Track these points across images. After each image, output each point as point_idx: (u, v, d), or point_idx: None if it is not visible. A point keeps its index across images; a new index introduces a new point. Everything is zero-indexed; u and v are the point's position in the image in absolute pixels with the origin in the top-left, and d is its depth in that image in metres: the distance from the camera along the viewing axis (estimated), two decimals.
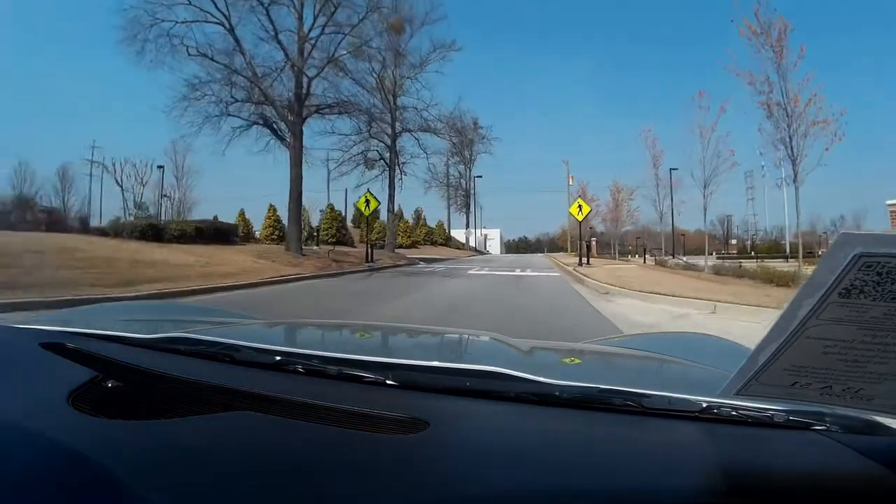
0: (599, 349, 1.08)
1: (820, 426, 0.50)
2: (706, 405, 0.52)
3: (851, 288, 0.27)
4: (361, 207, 14.50)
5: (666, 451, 0.48)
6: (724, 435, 0.51)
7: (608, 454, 0.47)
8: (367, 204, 14.31)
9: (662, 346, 1.05)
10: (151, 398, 0.58)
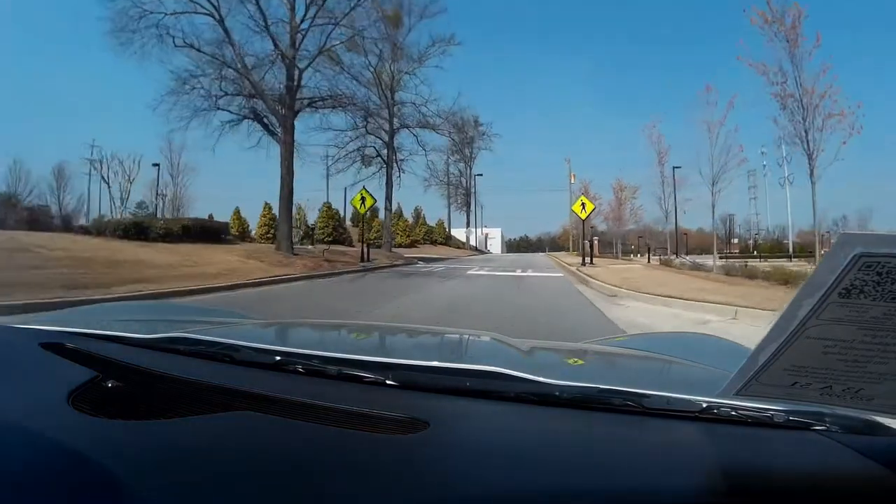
0: (599, 349, 1.08)
1: (820, 426, 0.50)
2: (706, 405, 0.52)
3: (851, 288, 0.27)
4: (357, 205, 14.09)
5: (666, 451, 0.48)
6: (724, 435, 0.50)
7: (608, 454, 0.47)
8: (362, 201, 13.90)
9: (662, 346, 1.05)
10: (151, 398, 0.58)
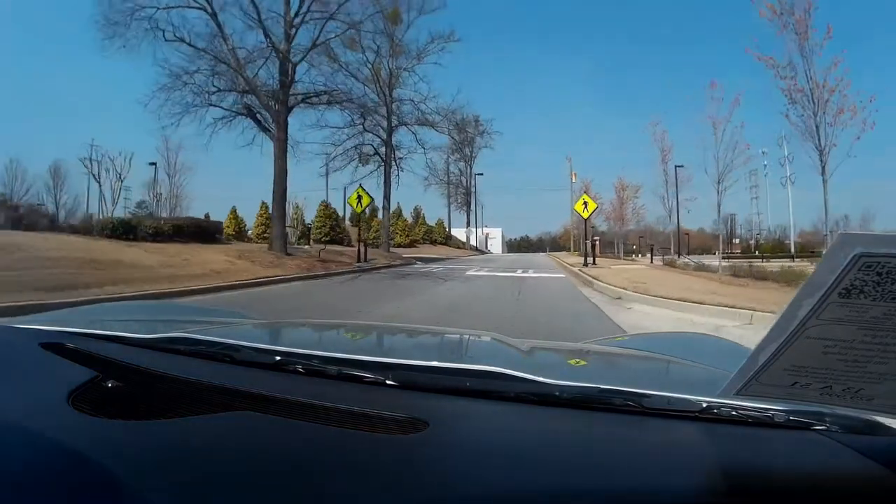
0: (599, 349, 1.08)
1: (820, 426, 0.50)
2: (706, 405, 0.52)
3: (851, 288, 0.27)
4: (353, 204, 13.75)
5: (666, 451, 0.48)
6: (724, 435, 0.50)
7: (608, 454, 0.47)
8: (359, 200, 13.56)
9: (662, 346, 1.05)
10: (151, 398, 0.58)
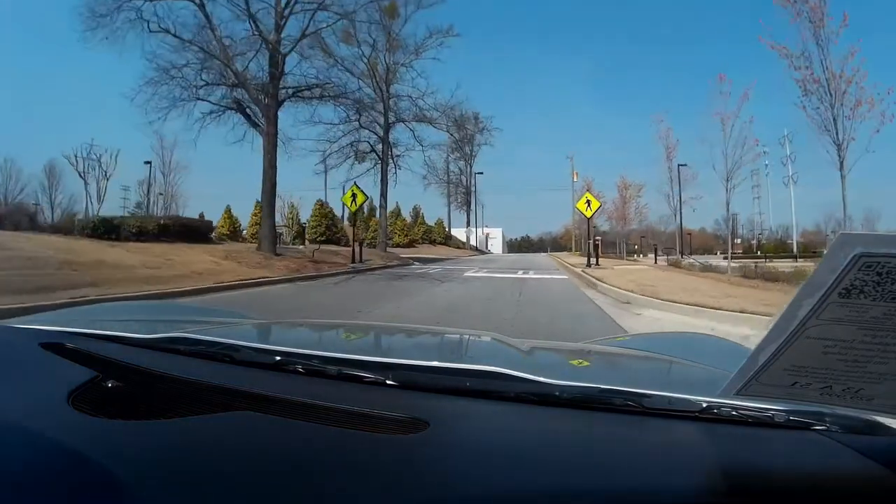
0: (599, 349, 1.08)
1: (820, 426, 0.50)
2: (706, 405, 0.52)
3: (851, 288, 0.27)
4: (347, 202, 13.34)
5: (666, 451, 0.48)
6: (724, 435, 0.50)
7: (608, 454, 0.47)
8: (353, 198, 13.10)
9: (663, 346, 1.05)
10: (151, 398, 0.58)
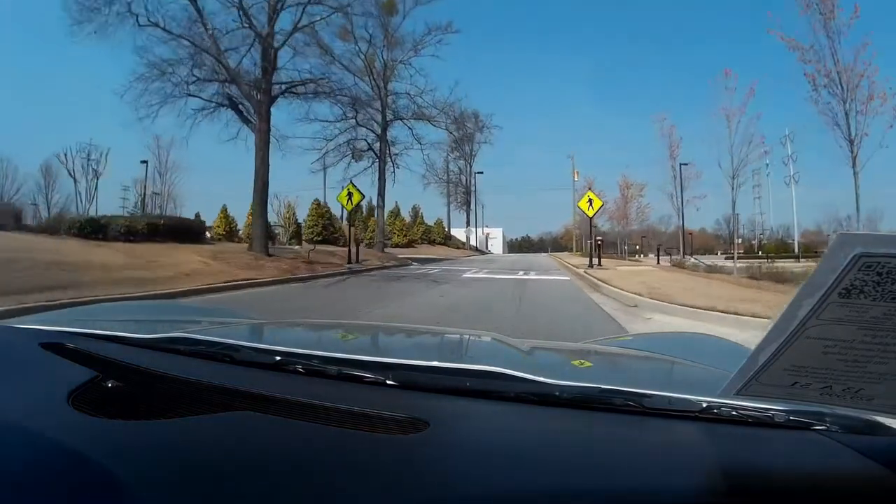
0: (600, 349, 1.08)
1: (820, 426, 0.50)
2: (706, 405, 0.52)
3: (851, 288, 0.27)
4: (343, 201, 12.87)
5: (666, 451, 0.48)
6: (724, 435, 0.50)
7: (608, 454, 0.47)
8: (349, 197, 12.66)
9: (663, 346, 1.06)
10: (151, 398, 0.58)
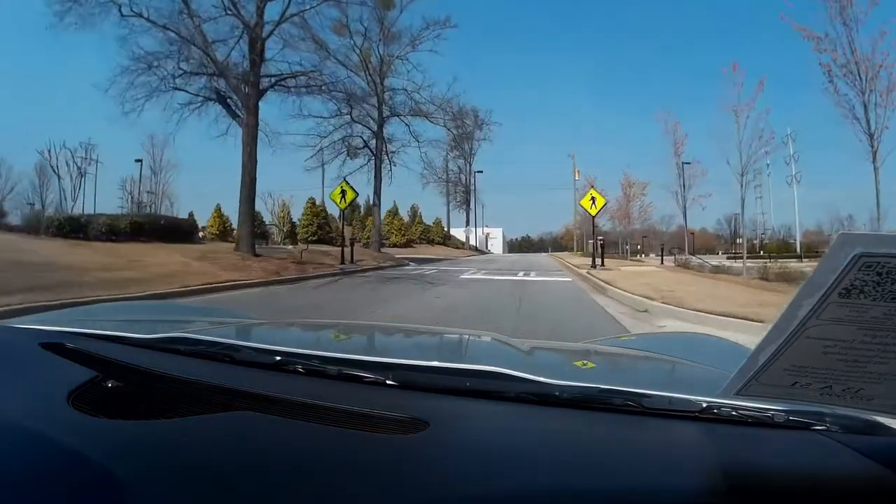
0: (600, 349, 1.08)
1: (820, 426, 0.50)
2: (706, 405, 0.52)
3: (851, 288, 0.27)
4: (336, 199, 12.39)
5: (666, 451, 0.48)
6: (724, 435, 0.50)
7: (608, 454, 0.47)
8: (342, 195, 12.27)
9: (663, 346, 1.06)
10: (151, 398, 0.58)
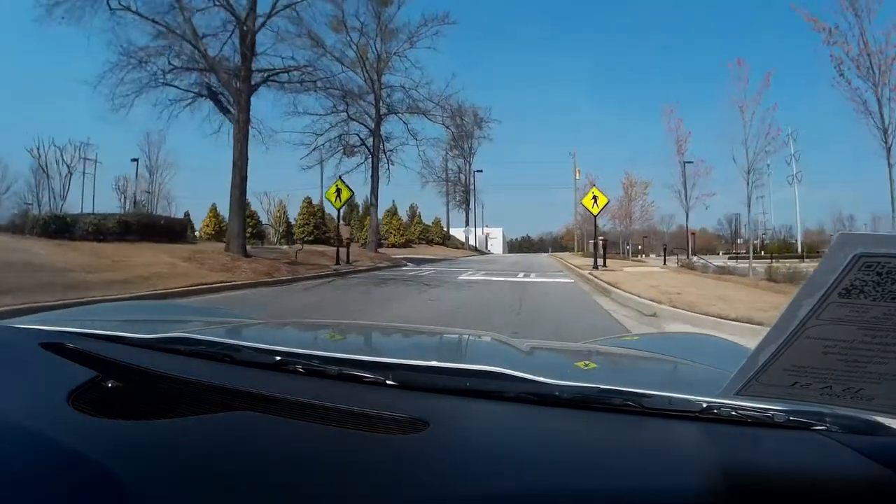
0: (600, 349, 1.08)
1: (820, 426, 0.50)
2: (706, 405, 0.52)
3: (851, 288, 0.27)
4: (331, 198, 12.23)
5: (666, 451, 0.48)
6: (724, 435, 0.50)
7: (608, 454, 0.47)
8: (338, 194, 12.07)
9: (663, 346, 1.06)
10: (151, 398, 0.58)
